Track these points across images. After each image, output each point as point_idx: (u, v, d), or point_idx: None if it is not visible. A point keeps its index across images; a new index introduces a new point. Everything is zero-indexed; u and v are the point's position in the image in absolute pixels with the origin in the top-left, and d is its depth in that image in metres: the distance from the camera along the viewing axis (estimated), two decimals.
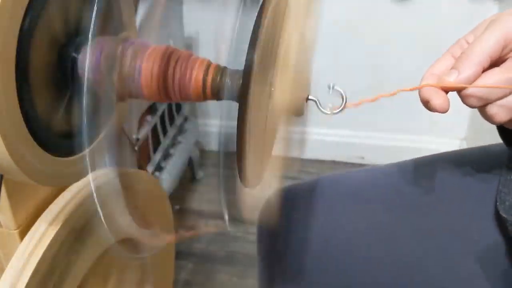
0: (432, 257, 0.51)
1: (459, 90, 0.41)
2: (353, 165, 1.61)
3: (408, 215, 0.53)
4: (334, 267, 0.54)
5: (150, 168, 1.14)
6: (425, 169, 0.56)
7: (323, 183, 0.59)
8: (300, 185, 0.60)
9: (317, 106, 0.44)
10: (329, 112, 0.43)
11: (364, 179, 0.59)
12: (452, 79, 0.40)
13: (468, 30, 0.45)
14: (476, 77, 0.40)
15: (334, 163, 1.64)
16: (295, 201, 0.58)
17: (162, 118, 1.23)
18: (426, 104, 0.41)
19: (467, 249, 0.50)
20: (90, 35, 0.46)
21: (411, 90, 0.43)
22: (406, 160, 0.59)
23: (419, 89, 0.42)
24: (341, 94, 0.43)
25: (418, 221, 0.52)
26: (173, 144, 1.32)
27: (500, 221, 0.48)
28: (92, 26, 0.50)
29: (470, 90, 0.40)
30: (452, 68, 0.41)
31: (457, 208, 0.52)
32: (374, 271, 0.52)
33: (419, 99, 0.42)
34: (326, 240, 0.55)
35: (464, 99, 0.41)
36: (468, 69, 0.40)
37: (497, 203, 0.48)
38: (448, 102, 0.41)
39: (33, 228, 0.57)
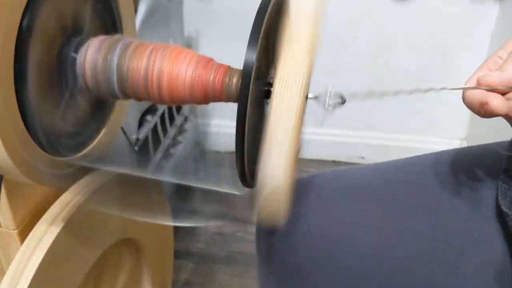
0: (430, 255, 0.51)
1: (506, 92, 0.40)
2: (353, 165, 1.61)
3: (406, 214, 0.53)
4: (332, 264, 0.54)
5: (150, 168, 1.14)
6: (423, 167, 0.56)
7: (320, 180, 0.59)
8: (297, 182, 0.60)
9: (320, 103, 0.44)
10: (328, 109, 0.43)
11: (362, 177, 0.59)
12: (495, 77, 0.39)
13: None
14: None
15: (334, 163, 1.64)
16: (293, 198, 0.58)
17: (162, 118, 1.23)
18: (482, 106, 0.40)
19: (466, 248, 0.50)
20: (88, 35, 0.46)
21: (459, 89, 0.41)
22: (405, 158, 0.59)
23: (466, 95, 0.41)
24: (340, 95, 0.43)
25: (416, 219, 0.52)
26: (173, 144, 1.32)
27: (500, 218, 0.48)
28: (89, 25, 0.50)
29: None
30: (496, 70, 0.41)
31: (455, 206, 0.52)
32: (372, 269, 0.52)
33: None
34: (324, 237, 0.55)
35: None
36: None
37: (499, 198, 0.48)
38: (505, 101, 0.40)
39: (33, 229, 0.57)
